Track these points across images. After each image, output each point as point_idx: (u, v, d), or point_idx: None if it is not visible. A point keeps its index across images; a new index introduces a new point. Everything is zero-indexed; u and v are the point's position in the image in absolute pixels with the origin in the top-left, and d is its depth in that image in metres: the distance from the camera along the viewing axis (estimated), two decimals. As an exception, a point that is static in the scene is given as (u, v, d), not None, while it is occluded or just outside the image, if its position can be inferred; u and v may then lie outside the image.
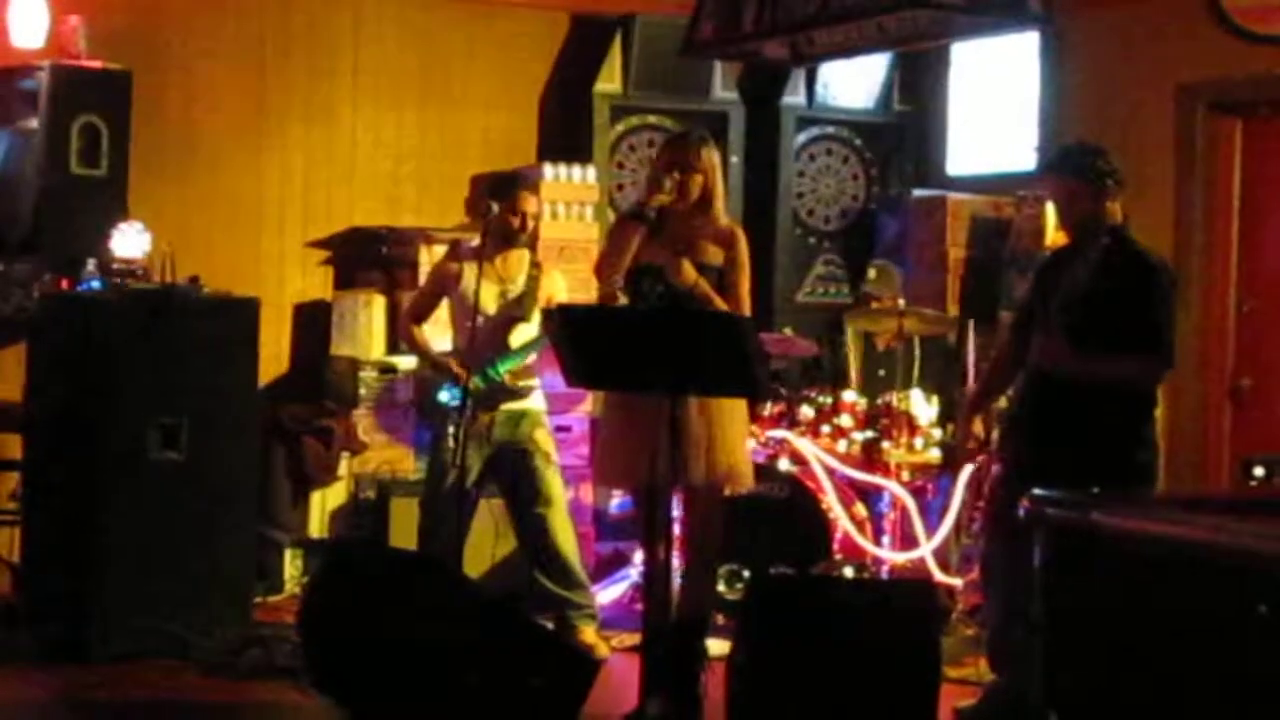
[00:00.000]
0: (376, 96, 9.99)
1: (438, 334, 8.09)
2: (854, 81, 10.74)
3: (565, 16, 10.44)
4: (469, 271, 7.70)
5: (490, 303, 7.66)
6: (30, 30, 8.75)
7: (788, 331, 9.37)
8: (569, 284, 8.19)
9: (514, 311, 7.79)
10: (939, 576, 8.23)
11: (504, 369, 7.70)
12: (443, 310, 8.02)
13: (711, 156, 6.66)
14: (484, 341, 7.51)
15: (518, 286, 7.84)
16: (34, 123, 8.59)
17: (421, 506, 8.03)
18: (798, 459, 8.54)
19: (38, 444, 8.04)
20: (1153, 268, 6.33)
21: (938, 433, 8.60)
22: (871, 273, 9.58)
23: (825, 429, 8.69)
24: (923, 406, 8.66)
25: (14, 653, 7.46)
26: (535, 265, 7.95)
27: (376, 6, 9.98)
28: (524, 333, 7.79)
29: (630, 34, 10.19)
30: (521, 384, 7.79)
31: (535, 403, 7.90)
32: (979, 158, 10.38)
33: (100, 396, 7.59)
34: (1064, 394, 6.26)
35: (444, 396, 7.67)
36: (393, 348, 9.24)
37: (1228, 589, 3.95)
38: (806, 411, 8.71)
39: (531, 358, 7.79)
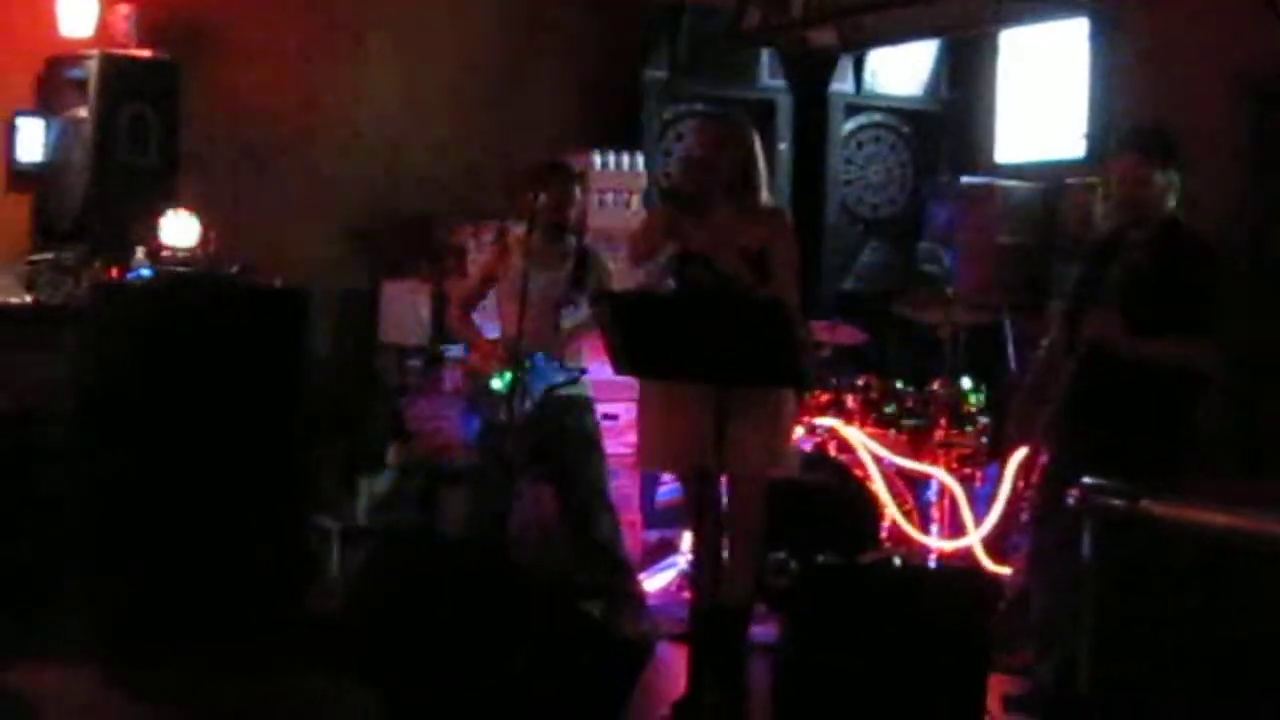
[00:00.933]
0: (425, 83, 9.99)
1: (486, 323, 8.09)
2: (902, 69, 10.72)
3: (614, 3, 10.42)
4: (517, 258, 7.70)
5: (538, 289, 7.64)
6: (80, 19, 8.79)
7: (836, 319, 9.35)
8: (616, 271, 8.16)
9: (561, 294, 7.76)
10: (987, 565, 8.20)
11: (554, 351, 7.67)
12: (490, 299, 8.02)
13: (746, 137, 6.60)
14: (533, 326, 7.50)
15: (565, 271, 7.82)
16: (83, 112, 8.63)
17: (469, 493, 8.04)
18: (845, 447, 8.53)
19: (84, 432, 8.08)
20: (1210, 255, 6.28)
21: (985, 420, 8.57)
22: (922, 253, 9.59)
23: (873, 417, 8.67)
24: (971, 394, 8.63)
25: (58, 639, 7.49)
26: (583, 250, 7.93)
27: (422, -5, 10.01)
28: (572, 316, 7.77)
29: (679, 21, 10.18)
30: (572, 364, 7.77)
31: (583, 390, 7.88)
32: (1028, 145, 10.33)
33: (149, 384, 7.63)
34: (1114, 378, 6.20)
35: (496, 384, 7.65)
36: (440, 335, 9.25)
37: (1276, 578, 3.93)
38: (854, 399, 8.70)
39: (584, 338, 7.76)
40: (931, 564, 8.28)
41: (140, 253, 8.03)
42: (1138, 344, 6.14)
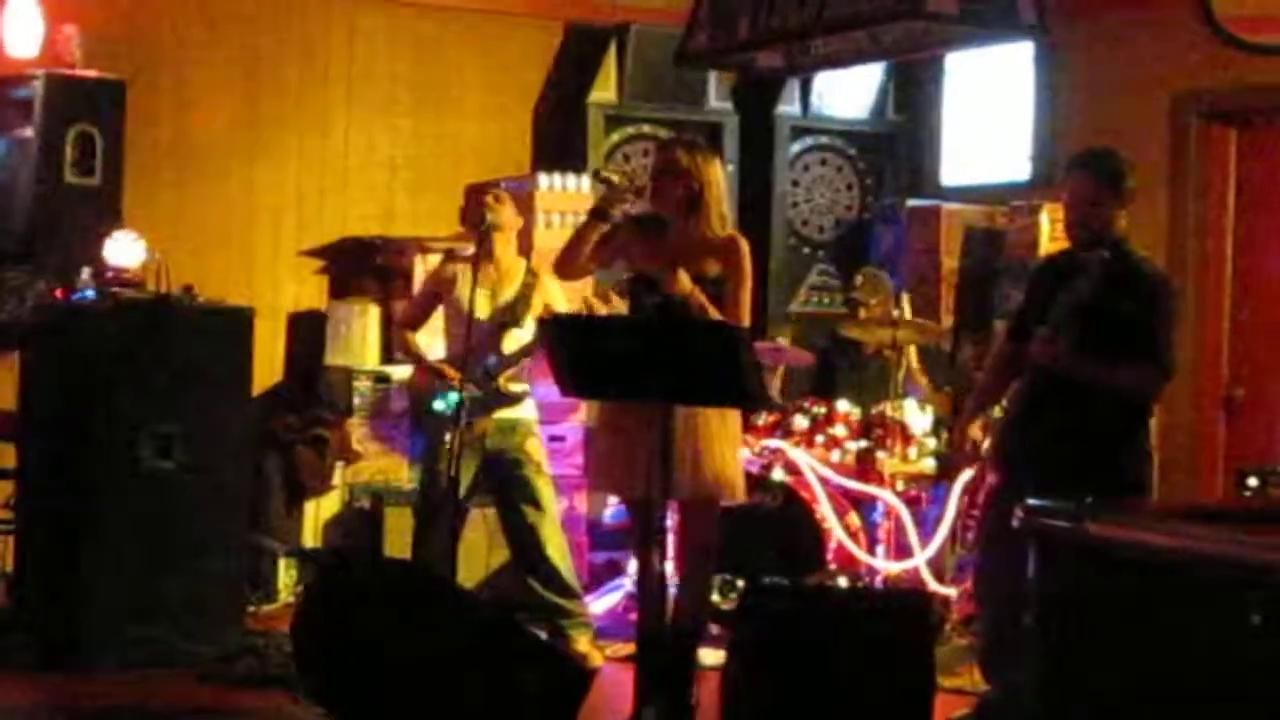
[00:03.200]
0: (371, 105, 9.99)
1: (433, 342, 8.09)
2: (849, 91, 10.76)
3: (560, 26, 10.44)
4: (463, 278, 7.70)
5: (484, 309, 7.66)
6: (25, 39, 8.75)
7: (781, 341, 9.36)
8: (564, 294, 8.17)
9: (506, 317, 7.79)
10: (933, 586, 8.22)
11: (498, 375, 7.70)
12: (438, 319, 8.02)
13: (702, 162, 6.57)
14: (478, 347, 7.51)
15: (512, 293, 7.84)
16: (28, 132, 8.59)
17: (415, 515, 8.03)
18: (791, 469, 8.53)
19: (31, 453, 8.04)
20: (1156, 280, 6.30)
21: (931, 442, 8.59)
22: (859, 279, 9.55)
23: (819, 438, 8.69)
24: (916, 416, 8.65)
25: (8, 661, 7.45)
26: (530, 273, 7.95)
27: (371, 16, 9.98)
28: (517, 338, 7.79)
29: (625, 43, 10.19)
30: (515, 389, 7.79)
31: (527, 412, 7.90)
32: (973, 168, 10.38)
33: (94, 406, 7.59)
34: (1060, 399, 6.21)
35: (439, 405, 7.67)
36: (387, 357, 9.24)
37: (1222, 599, 3.95)
38: (800, 421, 8.71)
39: (525, 362, 7.79)
40: (877, 585, 8.29)
41: (86, 273, 7.99)
42: (1082, 366, 6.14)
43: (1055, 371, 6.19)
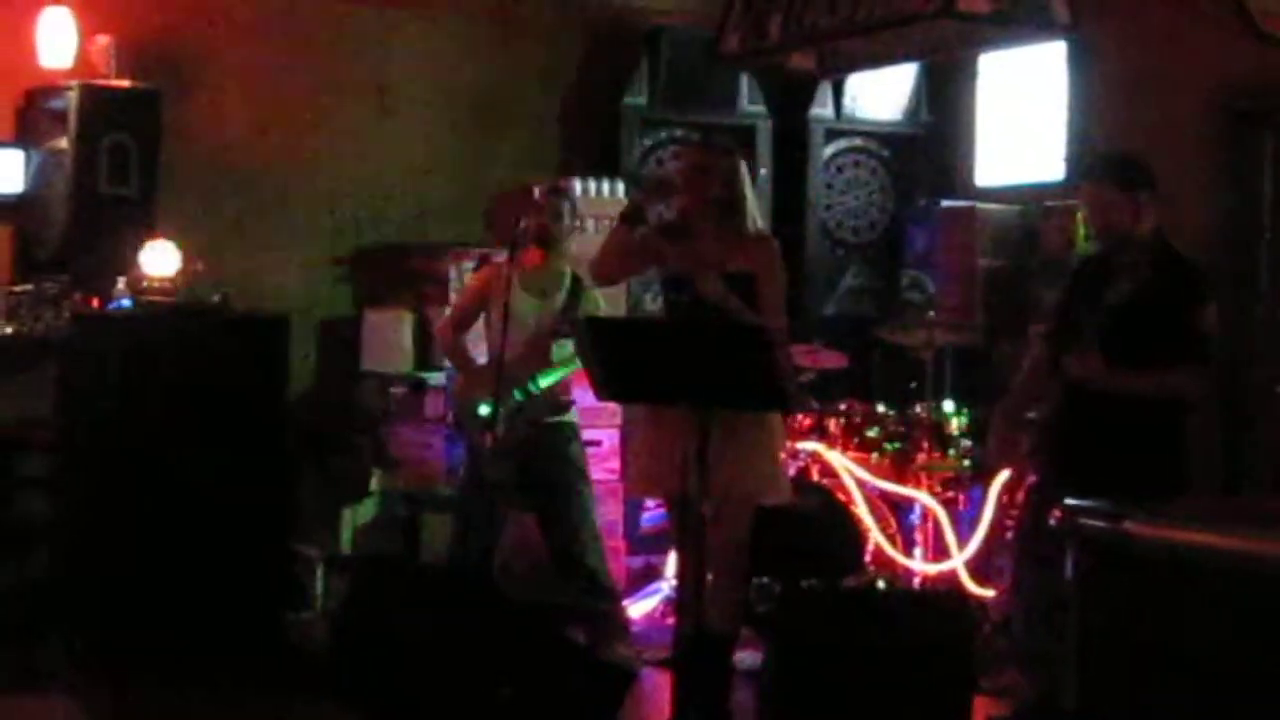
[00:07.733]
0: (404, 111, 9.99)
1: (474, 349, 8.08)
2: (882, 93, 10.74)
3: (592, 30, 10.44)
4: (506, 283, 7.67)
5: (527, 315, 7.63)
6: (59, 50, 8.78)
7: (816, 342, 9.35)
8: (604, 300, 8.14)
9: (557, 325, 7.71)
10: (971, 588, 8.20)
11: (545, 383, 7.68)
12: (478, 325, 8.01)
13: (729, 163, 6.61)
14: (525, 355, 7.50)
15: (557, 301, 7.79)
16: (63, 142, 8.63)
17: (455, 520, 8.03)
18: (828, 471, 8.52)
19: (68, 462, 8.07)
20: (1199, 278, 6.30)
21: (968, 443, 8.56)
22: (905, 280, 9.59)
23: (855, 441, 8.67)
24: (953, 417, 8.63)
25: (44, 668, 7.47)
26: (576, 281, 7.90)
27: (405, 23, 9.99)
28: (566, 347, 7.75)
29: (657, 47, 10.19)
30: (563, 398, 7.77)
31: (569, 417, 7.88)
32: (1007, 168, 10.34)
33: (130, 414, 7.62)
34: (1098, 402, 6.20)
35: (483, 410, 7.64)
36: (422, 363, 9.24)
37: (1261, 597, 3.94)
38: (836, 423, 8.70)
39: (574, 370, 7.76)
40: (915, 587, 8.28)
41: (121, 283, 8.03)
42: (1122, 380, 6.14)
43: (1096, 389, 6.19)
